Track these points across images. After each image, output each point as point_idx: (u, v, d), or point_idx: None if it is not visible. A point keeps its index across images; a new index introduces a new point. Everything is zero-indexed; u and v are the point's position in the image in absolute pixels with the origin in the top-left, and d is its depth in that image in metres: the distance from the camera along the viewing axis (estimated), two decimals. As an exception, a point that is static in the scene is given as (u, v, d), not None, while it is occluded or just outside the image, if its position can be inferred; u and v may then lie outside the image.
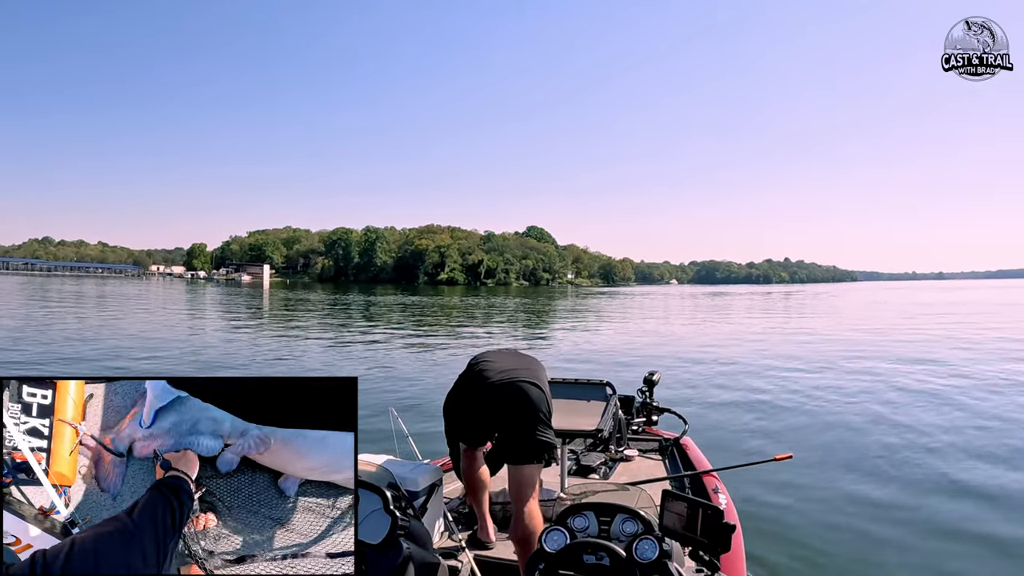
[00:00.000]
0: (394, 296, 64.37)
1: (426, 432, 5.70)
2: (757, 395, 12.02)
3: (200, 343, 20.29)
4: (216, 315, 34.94)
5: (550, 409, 3.42)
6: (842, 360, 16.86)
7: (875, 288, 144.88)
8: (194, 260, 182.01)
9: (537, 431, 3.29)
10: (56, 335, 20.89)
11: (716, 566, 2.65)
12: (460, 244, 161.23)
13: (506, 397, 3.32)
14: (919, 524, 5.81)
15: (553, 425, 3.46)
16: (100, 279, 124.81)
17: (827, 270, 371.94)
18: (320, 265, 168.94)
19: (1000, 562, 5.12)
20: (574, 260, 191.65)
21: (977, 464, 7.50)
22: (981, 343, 21.43)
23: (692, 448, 5.42)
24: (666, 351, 19.85)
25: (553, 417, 3.47)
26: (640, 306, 51.62)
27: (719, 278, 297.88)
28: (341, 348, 19.81)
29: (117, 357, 16.62)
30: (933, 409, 10.68)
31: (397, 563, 2.26)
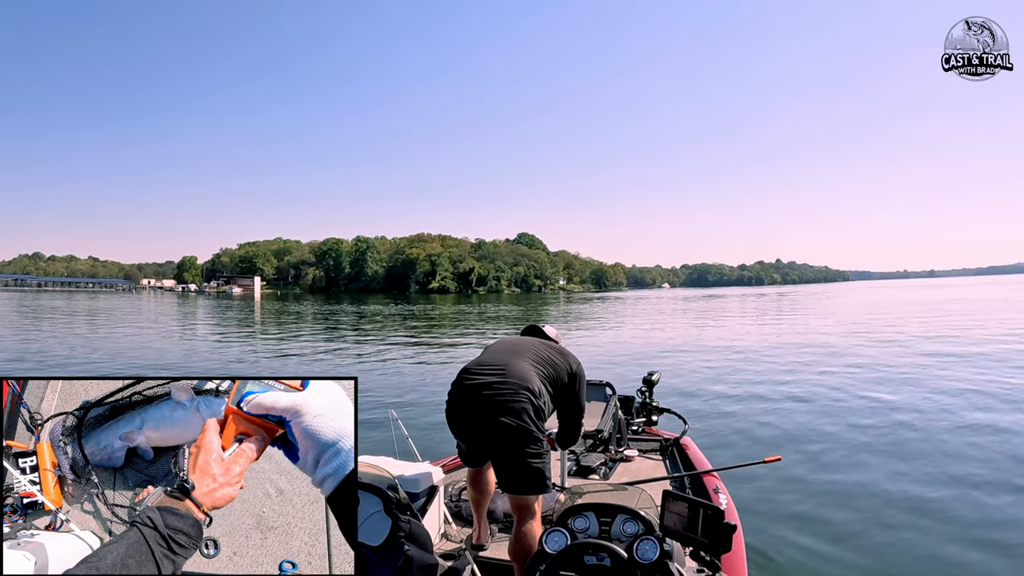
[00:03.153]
0: (386, 306, 64.17)
1: (426, 434, 5.68)
2: (757, 395, 11.99)
3: (195, 352, 20.20)
4: (208, 327, 34.75)
5: (542, 416, 3.30)
6: (842, 361, 16.85)
7: (868, 287, 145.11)
8: (185, 273, 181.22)
9: (526, 463, 3.16)
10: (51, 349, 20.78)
11: (717, 566, 2.64)
12: (451, 252, 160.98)
13: (489, 431, 3.20)
14: (923, 524, 5.79)
15: (553, 427, 3.42)
16: (91, 294, 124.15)
17: (819, 270, 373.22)
18: (311, 276, 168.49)
19: (999, 560, 5.11)
20: (565, 266, 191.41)
21: (978, 464, 7.50)
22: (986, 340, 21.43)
23: (692, 448, 5.41)
24: (666, 352, 19.89)
25: (554, 419, 3.42)
26: (634, 311, 51.58)
27: (711, 281, 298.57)
28: (339, 352, 19.79)
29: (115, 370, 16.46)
30: (952, 406, 10.70)
31: (398, 565, 2.25)
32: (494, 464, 3.33)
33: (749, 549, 3.95)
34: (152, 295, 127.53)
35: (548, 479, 3.25)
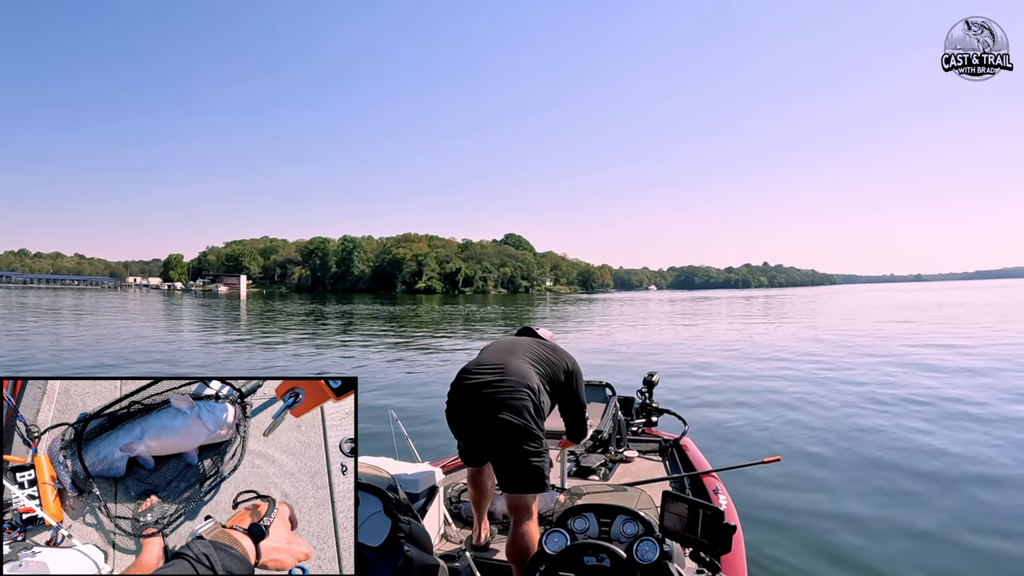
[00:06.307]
0: (370, 305, 64.06)
1: (426, 434, 5.66)
2: (757, 396, 12.02)
3: (185, 352, 20.08)
4: (194, 326, 34.57)
5: (541, 414, 3.32)
6: (841, 361, 17.00)
7: (855, 291, 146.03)
8: (171, 271, 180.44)
9: (526, 461, 3.17)
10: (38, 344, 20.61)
11: (717, 567, 2.65)
12: (438, 252, 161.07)
13: (489, 428, 3.21)
14: (923, 524, 5.80)
15: (553, 427, 3.41)
16: (77, 291, 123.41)
17: (806, 274, 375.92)
18: (297, 275, 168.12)
19: (999, 560, 5.13)
20: (552, 267, 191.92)
21: (979, 464, 7.54)
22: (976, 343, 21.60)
23: (692, 449, 5.41)
24: (665, 353, 20.00)
25: (552, 418, 3.41)
26: (621, 313, 51.69)
27: (698, 283, 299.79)
28: (338, 352, 19.80)
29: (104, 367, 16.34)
30: (952, 406, 10.79)
31: (398, 565, 2.24)
32: (493, 462, 3.34)
33: (749, 550, 3.94)
34: (138, 293, 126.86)
35: (547, 478, 3.25)
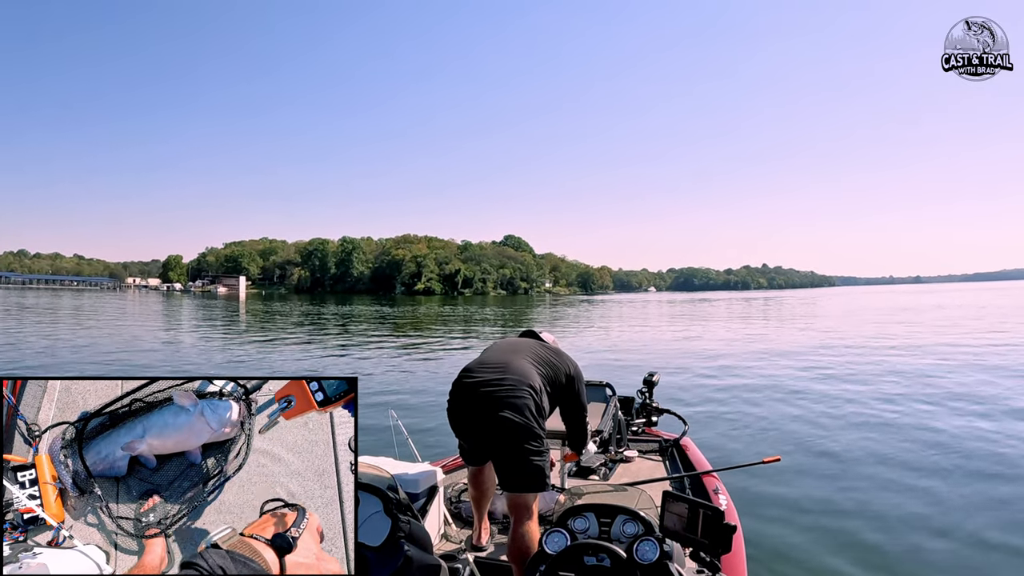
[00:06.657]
0: (369, 307, 63.99)
1: (426, 434, 5.64)
2: (756, 396, 12.04)
3: (185, 353, 20.06)
4: (193, 327, 34.55)
5: (543, 414, 3.32)
6: (840, 361, 17.01)
7: (853, 293, 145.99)
8: (170, 272, 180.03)
9: (527, 459, 3.17)
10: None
11: (717, 567, 2.65)
12: (437, 254, 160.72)
13: (490, 426, 3.20)
14: (923, 523, 5.81)
15: (553, 427, 3.41)
16: (76, 292, 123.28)
17: (805, 275, 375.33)
18: (296, 276, 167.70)
19: (999, 560, 5.13)
20: (552, 269, 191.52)
21: (979, 463, 7.54)
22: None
23: (692, 449, 5.40)
24: (664, 353, 20.02)
25: (553, 419, 3.41)
26: (620, 314, 51.69)
27: (697, 285, 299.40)
28: (337, 352, 19.78)
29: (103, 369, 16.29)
30: (951, 407, 10.81)
31: (398, 565, 2.24)
32: (494, 461, 3.34)
33: (749, 549, 3.94)
34: (137, 294, 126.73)
35: (547, 478, 3.25)
